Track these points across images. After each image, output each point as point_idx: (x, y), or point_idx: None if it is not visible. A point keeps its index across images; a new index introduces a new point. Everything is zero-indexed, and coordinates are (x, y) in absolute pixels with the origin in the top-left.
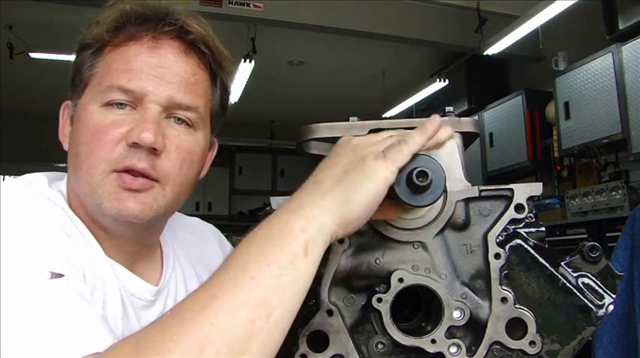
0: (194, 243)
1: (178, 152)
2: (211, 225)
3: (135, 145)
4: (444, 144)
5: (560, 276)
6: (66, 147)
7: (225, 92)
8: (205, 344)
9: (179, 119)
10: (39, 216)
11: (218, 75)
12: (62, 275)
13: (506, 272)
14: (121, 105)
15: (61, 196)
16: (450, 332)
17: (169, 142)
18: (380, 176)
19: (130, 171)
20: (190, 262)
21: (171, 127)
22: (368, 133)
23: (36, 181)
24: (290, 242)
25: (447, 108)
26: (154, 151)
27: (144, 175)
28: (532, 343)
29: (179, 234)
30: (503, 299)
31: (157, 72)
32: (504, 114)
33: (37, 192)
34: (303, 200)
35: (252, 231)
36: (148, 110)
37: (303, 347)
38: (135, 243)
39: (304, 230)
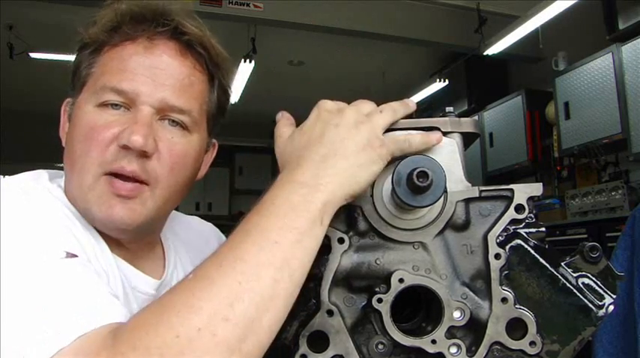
0: (194, 241)
1: (170, 155)
2: (211, 224)
3: (125, 147)
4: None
5: (560, 277)
6: (64, 144)
7: (224, 94)
8: (234, 301)
9: (173, 121)
10: (46, 205)
11: (215, 76)
12: (76, 256)
13: (506, 272)
14: (115, 105)
15: (61, 191)
16: (450, 333)
17: (162, 144)
18: (383, 159)
19: (119, 174)
20: (191, 260)
21: (164, 129)
22: None
23: (38, 176)
24: (311, 212)
25: (447, 108)
26: (144, 154)
27: (133, 178)
28: (532, 343)
29: (179, 233)
30: (504, 300)
31: (151, 73)
32: (504, 114)
33: (40, 187)
34: (320, 173)
35: (266, 194)
36: (140, 112)
37: (304, 348)
38: (133, 242)
39: (324, 203)
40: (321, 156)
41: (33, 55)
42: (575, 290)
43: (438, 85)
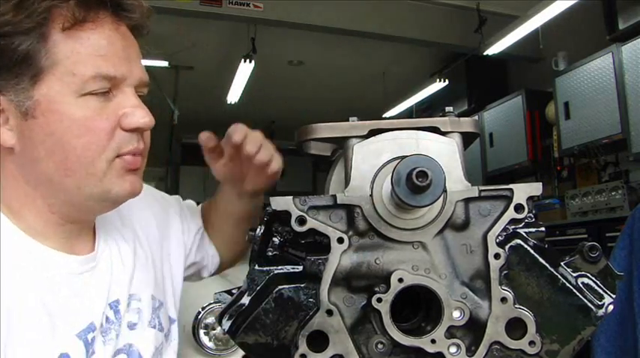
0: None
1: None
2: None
3: (137, 130)
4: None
5: (559, 276)
6: (9, 142)
7: None
8: None
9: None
10: None
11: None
12: None
13: (505, 272)
14: (98, 92)
15: None
16: (450, 332)
17: None
18: None
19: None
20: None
21: None
22: (368, 133)
23: None
24: None
25: (447, 108)
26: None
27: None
28: (532, 343)
29: None
30: (503, 299)
31: (126, 53)
32: (504, 114)
33: None
34: None
35: None
36: (125, 94)
37: (303, 347)
38: (82, 222)
39: None
40: None
41: None
42: (574, 290)
43: (438, 85)
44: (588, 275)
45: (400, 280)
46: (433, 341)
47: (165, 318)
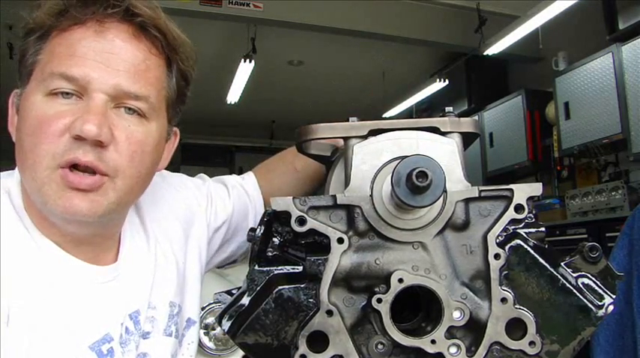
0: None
1: (129, 143)
2: (170, 179)
3: (78, 138)
4: None
5: (560, 277)
6: (15, 139)
7: (184, 79)
8: None
9: (129, 109)
10: None
11: (173, 60)
12: None
13: (506, 272)
14: (66, 94)
15: (8, 200)
16: (450, 333)
17: (119, 133)
18: None
19: (75, 165)
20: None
21: (120, 118)
22: (368, 133)
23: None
24: None
25: (447, 108)
26: (99, 144)
27: (92, 169)
28: (532, 343)
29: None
30: (503, 300)
31: (103, 58)
32: (504, 114)
33: None
34: None
35: None
36: (93, 100)
37: (303, 348)
38: (94, 236)
39: None
40: None
41: None
42: (574, 290)
43: (438, 85)
44: (588, 275)
45: (400, 280)
46: (433, 342)
47: (182, 322)
